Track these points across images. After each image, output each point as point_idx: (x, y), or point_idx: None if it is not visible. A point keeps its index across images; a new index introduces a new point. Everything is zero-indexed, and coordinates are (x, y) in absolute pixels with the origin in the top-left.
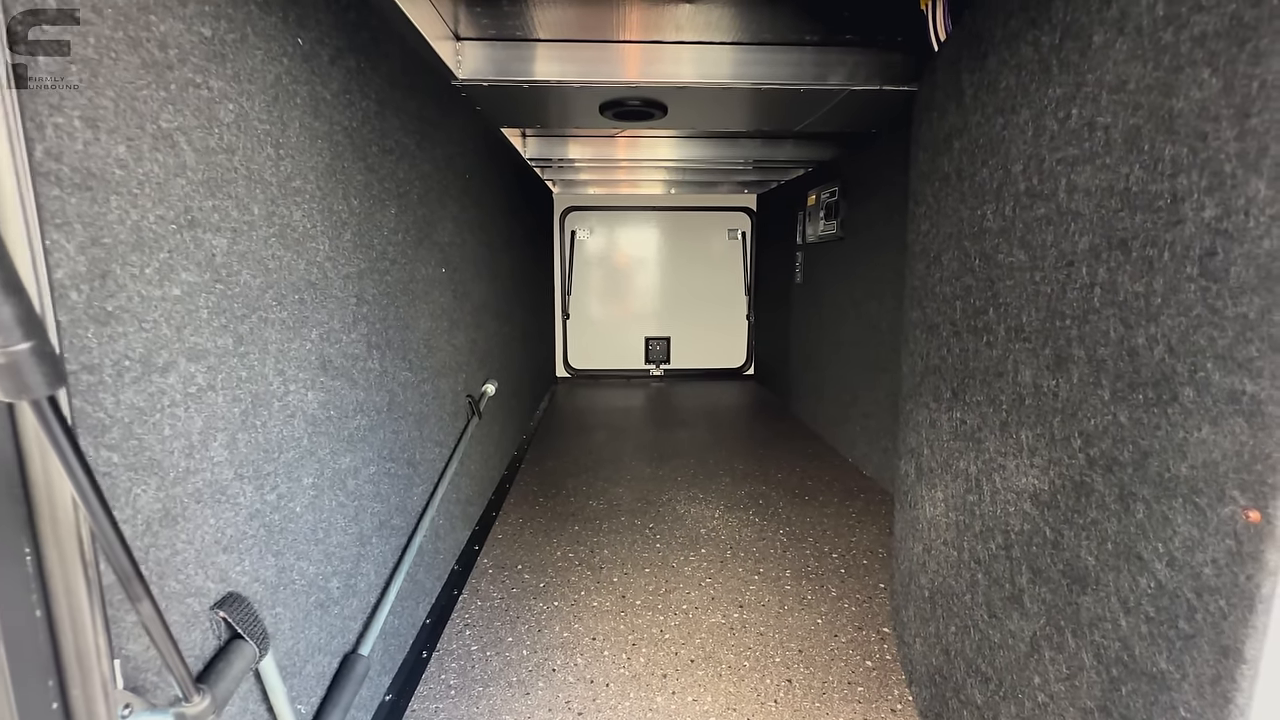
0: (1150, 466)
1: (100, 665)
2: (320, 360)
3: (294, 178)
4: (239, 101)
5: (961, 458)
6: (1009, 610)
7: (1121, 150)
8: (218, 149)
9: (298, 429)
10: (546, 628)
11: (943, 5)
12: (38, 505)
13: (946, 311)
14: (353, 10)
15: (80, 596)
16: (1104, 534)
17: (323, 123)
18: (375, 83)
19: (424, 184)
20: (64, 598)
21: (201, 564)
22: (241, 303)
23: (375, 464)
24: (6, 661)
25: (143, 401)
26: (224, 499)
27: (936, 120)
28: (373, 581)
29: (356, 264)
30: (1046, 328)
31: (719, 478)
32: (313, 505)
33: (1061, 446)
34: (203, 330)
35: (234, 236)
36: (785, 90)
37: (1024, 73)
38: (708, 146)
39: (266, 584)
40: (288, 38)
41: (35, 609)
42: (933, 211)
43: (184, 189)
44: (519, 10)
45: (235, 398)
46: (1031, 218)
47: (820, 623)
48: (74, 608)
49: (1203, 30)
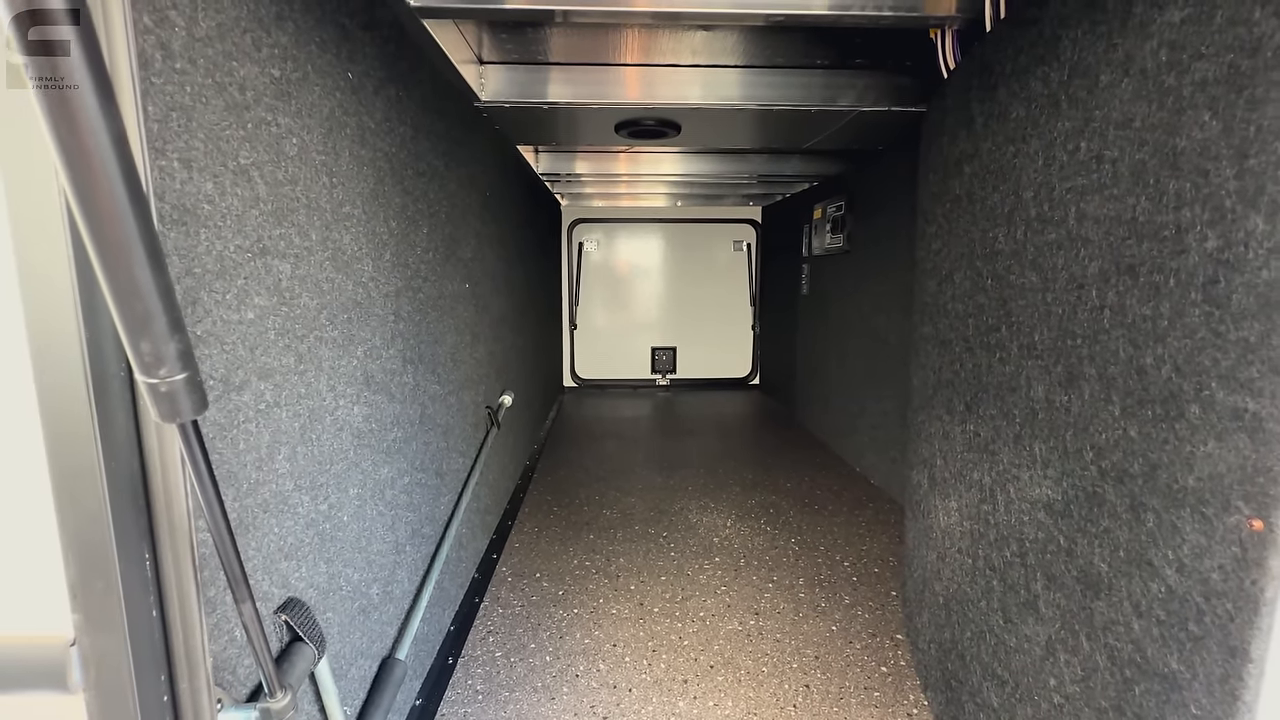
0: (1159, 478)
1: (204, 662)
2: (364, 376)
3: (344, 204)
4: (301, 135)
5: (975, 469)
6: (1024, 615)
7: (1128, 182)
8: (284, 181)
9: (345, 442)
10: (568, 634)
11: (952, 35)
12: (157, 515)
13: (959, 328)
14: (393, 43)
15: (191, 599)
16: (1116, 542)
17: (368, 150)
18: (411, 109)
19: (450, 203)
20: (176, 600)
21: (268, 570)
22: (301, 323)
23: (409, 474)
24: (131, 656)
25: (223, 418)
26: (286, 509)
27: (947, 144)
28: (406, 588)
29: (394, 283)
30: (1058, 346)
31: (729, 487)
32: (357, 514)
33: (1074, 459)
34: (271, 350)
35: (296, 262)
36: (795, 111)
37: (1034, 105)
38: (714, 162)
39: (319, 589)
40: (340, 73)
41: (153, 609)
42: (944, 231)
43: (257, 220)
44: (540, 35)
45: (295, 413)
46: (1043, 242)
47: (835, 629)
48: (185, 609)
49: (1203, 76)
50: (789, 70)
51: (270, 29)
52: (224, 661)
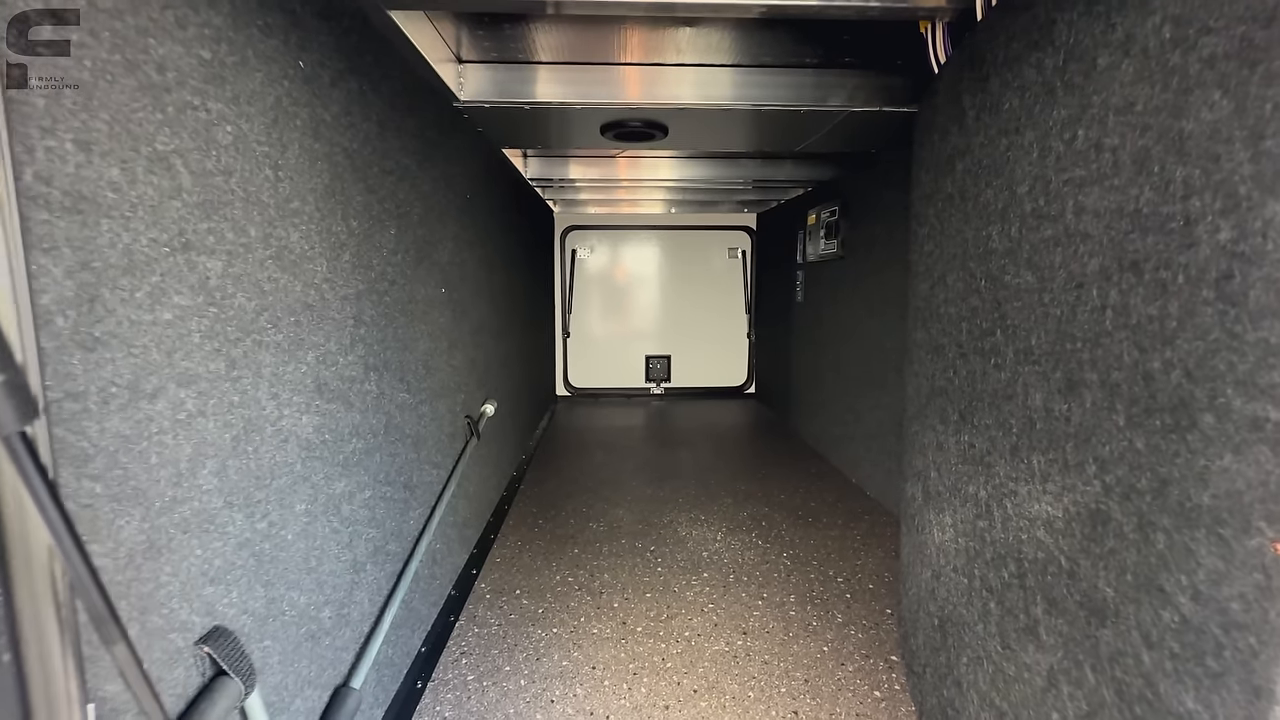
0: (1170, 495)
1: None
2: (316, 383)
3: (292, 199)
4: (237, 124)
5: (970, 482)
6: (1024, 642)
7: (1131, 172)
8: (215, 171)
9: (291, 454)
10: (545, 656)
11: (942, 28)
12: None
13: (952, 333)
14: (355, 34)
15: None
16: (1123, 564)
17: (323, 144)
18: (376, 104)
19: (424, 204)
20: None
21: (187, 597)
22: (236, 326)
23: (371, 488)
24: None
25: (129, 429)
26: (212, 528)
27: (938, 141)
28: (366, 610)
29: (355, 285)
30: (1057, 350)
31: (721, 499)
32: (305, 532)
33: (1075, 472)
34: (194, 355)
35: (229, 259)
36: (785, 111)
37: (1028, 95)
38: (708, 166)
39: (255, 616)
40: (289, 60)
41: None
42: (936, 232)
43: (179, 212)
44: (521, 33)
45: (227, 423)
46: (1039, 239)
47: (826, 650)
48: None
49: (1211, 52)
50: (777, 69)
51: (198, 7)
52: (126, 704)
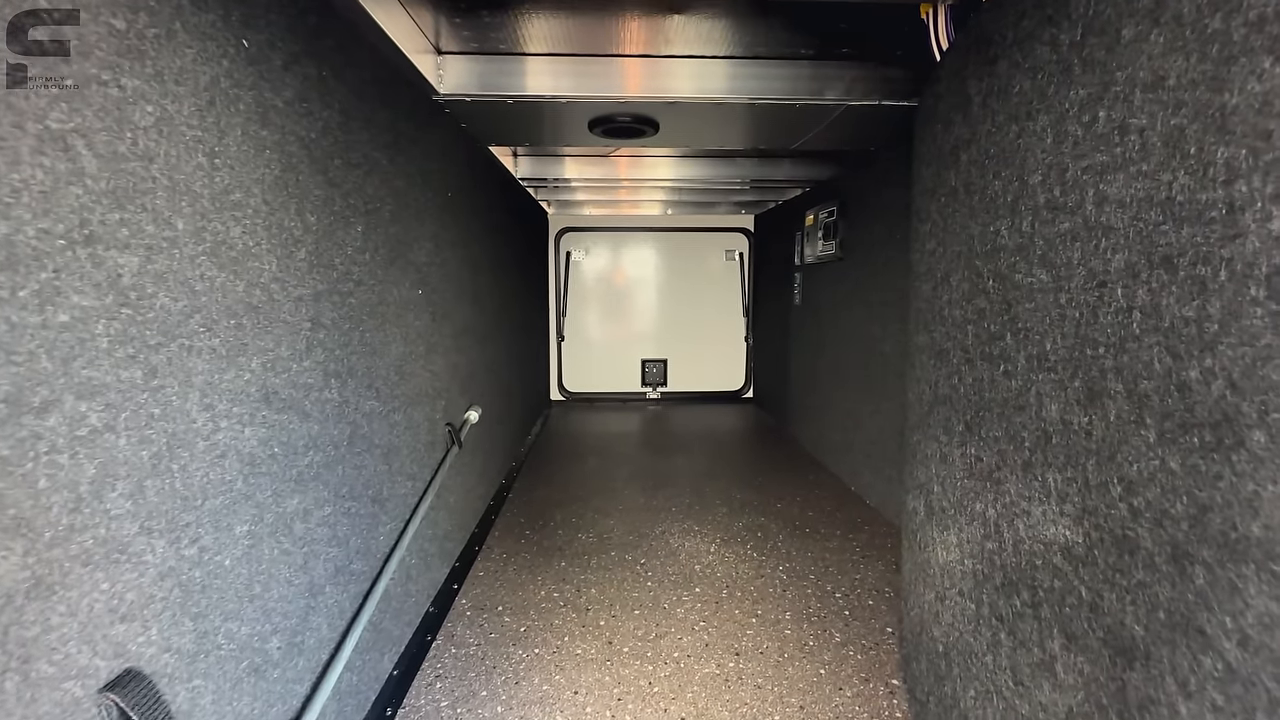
0: (1210, 523)
1: None
2: (263, 392)
3: (233, 190)
4: (160, 104)
5: (978, 499)
6: (1039, 679)
7: (1162, 155)
8: (129, 155)
9: (229, 471)
10: (525, 679)
11: (945, 12)
12: None
13: (957, 336)
14: (313, 14)
15: None
16: (1154, 600)
17: (272, 132)
18: (340, 92)
19: (397, 201)
20: None
21: (88, 639)
22: (157, 329)
23: (331, 504)
24: None
25: (7, 449)
26: (124, 559)
27: (940, 132)
28: (325, 636)
29: (312, 285)
30: (1075, 356)
31: (716, 508)
32: (247, 557)
33: (1098, 493)
34: (100, 362)
35: (148, 254)
36: (780, 106)
37: (1040, 75)
38: (704, 166)
39: (182, 654)
40: (229, 38)
41: None
42: (939, 229)
43: (79, 199)
44: (504, 23)
45: (144, 439)
46: (1054, 233)
47: (823, 673)
48: None
49: (1260, 13)
50: (772, 61)
51: None
52: None
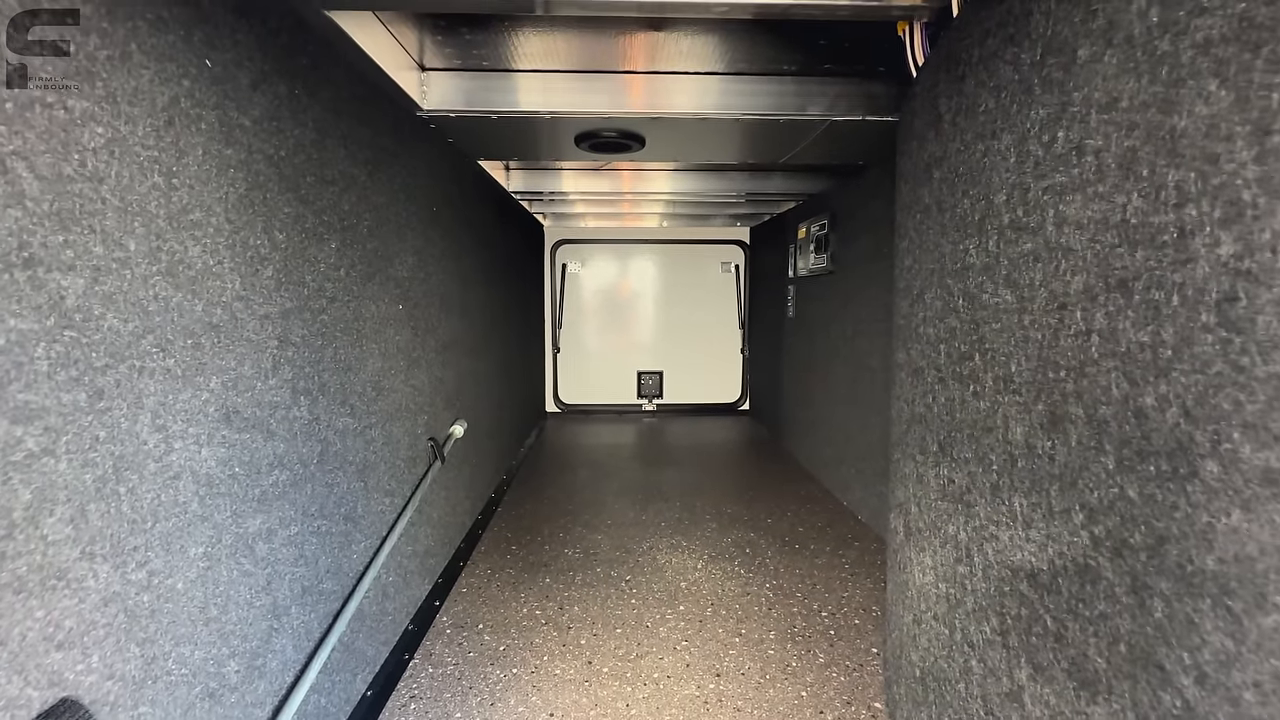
0: (1168, 555)
1: None
2: (222, 411)
3: (192, 209)
4: (112, 125)
5: (950, 521)
6: (1008, 709)
7: (1116, 177)
8: (75, 177)
9: (183, 492)
10: (501, 700)
11: (921, 30)
12: None
13: (931, 355)
14: (285, 34)
15: None
16: (1115, 632)
17: (238, 150)
18: (314, 110)
19: (376, 216)
20: None
21: (19, 668)
22: (105, 351)
23: (298, 523)
24: None
25: None
26: (61, 585)
27: (916, 149)
28: (289, 658)
29: (279, 303)
30: (1038, 379)
31: (705, 523)
32: (202, 579)
33: (1061, 520)
34: (39, 386)
35: (95, 275)
36: (765, 121)
37: (1004, 94)
38: (698, 179)
39: (128, 680)
40: (190, 59)
41: None
42: (915, 246)
43: (18, 221)
44: (487, 40)
45: (86, 462)
46: (1017, 253)
47: (805, 695)
48: None
49: (1206, 36)
50: (755, 77)
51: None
52: None
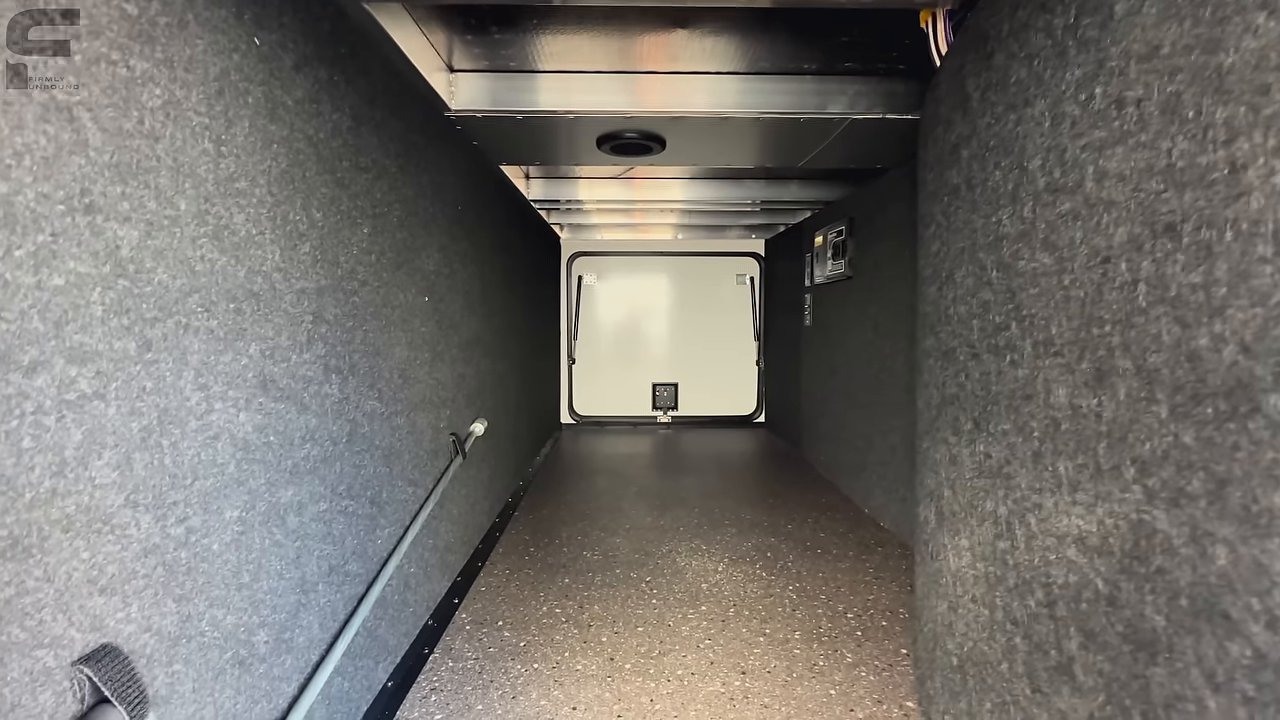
0: (1230, 498)
1: None
2: (260, 379)
3: (238, 178)
4: (168, 88)
5: (988, 497)
6: (1057, 683)
7: (1160, 123)
8: (135, 133)
9: (221, 454)
10: (522, 694)
11: (944, 18)
12: None
13: (962, 333)
14: (327, 22)
15: None
16: (1175, 587)
17: (281, 127)
18: (351, 98)
19: (405, 208)
20: None
21: (64, 607)
22: (155, 304)
23: (327, 500)
24: None
25: None
26: (107, 529)
27: (942, 134)
28: (315, 636)
29: (315, 279)
30: (1081, 337)
31: (724, 528)
32: (236, 543)
33: (1110, 478)
34: (94, 329)
35: (149, 230)
36: (785, 120)
37: (1037, 62)
38: (714, 187)
39: (164, 636)
40: (241, 34)
41: None
42: (942, 229)
43: (81, 169)
44: (514, 40)
45: (134, 410)
46: (1055, 215)
47: (834, 694)
48: None
49: None
50: (776, 76)
51: None
52: None
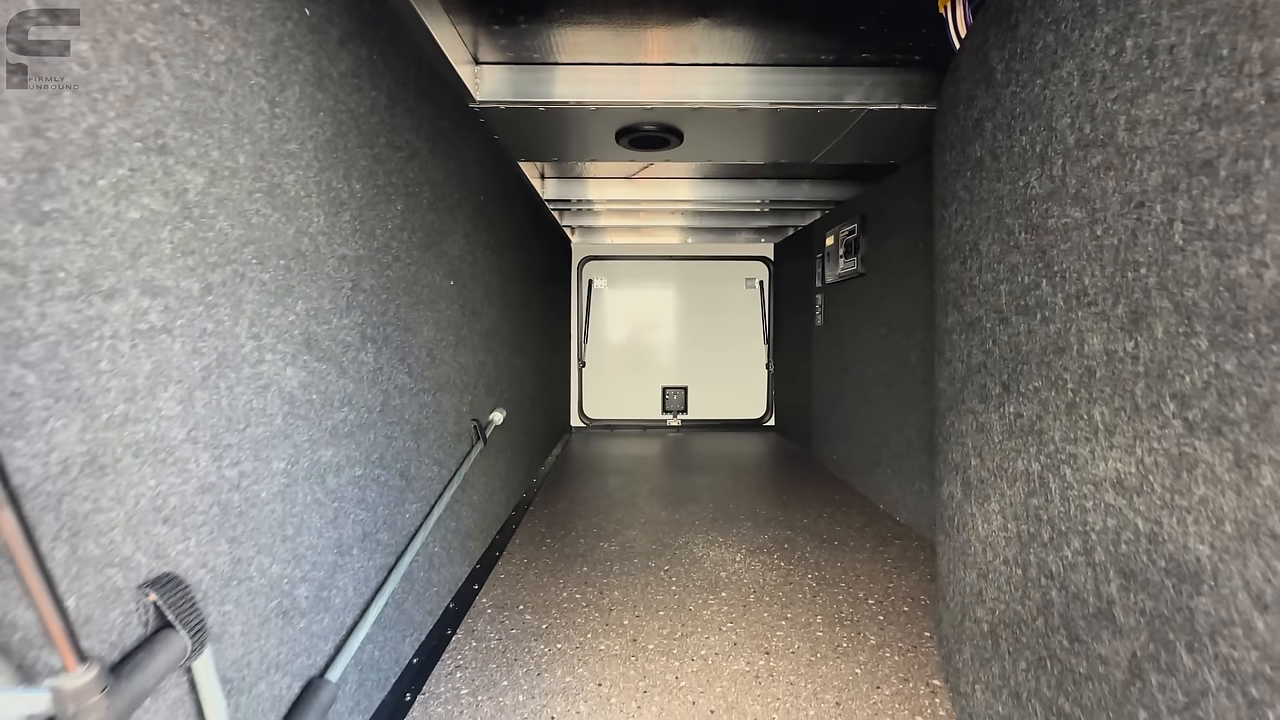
0: (1274, 419)
1: None
2: (305, 337)
3: (289, 140)
4: (231, 45)
5: (1019, 457)
6: (1096, 630)
7: (1193, 66)
8: (202, 84)
9: (271, 404)
10: (547, 671)
11: (963, 2)
12: None
13: (990, 300)
14: (366, 3)
15: None
16: (1219, 513)
17: (326, 97)
18: (387, 78)
19: (434, 191)
20: None
21: (132, 530)
22: (216, 250)
23: (362, 466)
24: None
25: (76, 323)
26: (171, 461)
27: (963, 112)
28: (350, 599)
29: (354, 248)
30: (1116, 284)
31: (740, 522)
32: (282, 495)
33: (1149, 416)
34: (164, 265)
35: (212, 177)
36: (802, 111)
37: (1064, 24)
38: (724, 187)
39: (217, 574)
40: (293, 4)
41: None
42: (965, 205)
43: (156, 111)
44: (539, 31)
45: (196, 350)
46: (1086, 169)
47: (859, 673)
48: None
49: None
50: (793, 68)
51: None
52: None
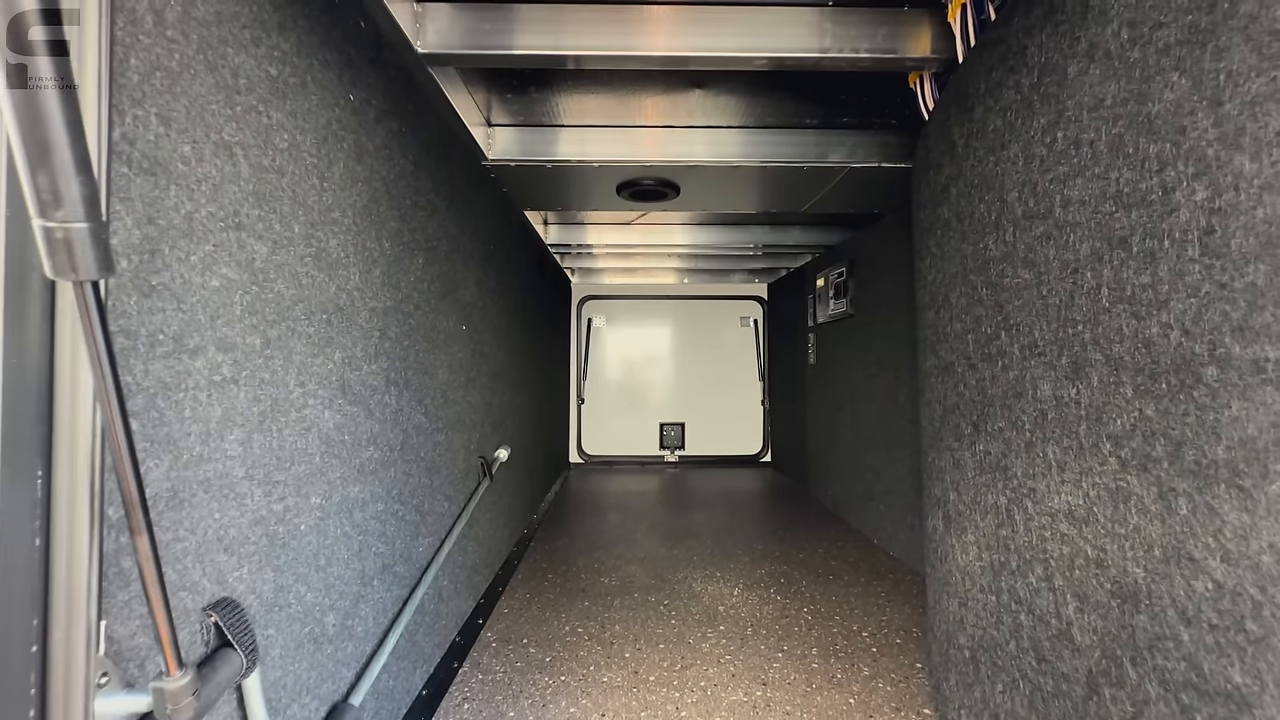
0: (1185, 456)
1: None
2: (340, 382)
3: (334, 209)
4: (292, 133)
5: (989, 491)
6: (1058, 649)
7: (1108, 158)
8: (269, 169)
9: (311, 444)
10: (552, 703)
11: (930, 79)
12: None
13: (959, 347)
14: (399, 83)
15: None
16: (1149, 540)
17: (364, 169)
18: (413, 146)
19: (450, 244)
20: (66, 531)
21: (200, 557)
22: (274, 308)
23: (383, 501)
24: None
25: (170, 377)
26: (231, 496)
27: (933, 176)
28: (370, 628)
29: (382, 300)
30: (1060, 337)
31: (737, 557)
32: (317, 528)
33: (1091, 454)
34: (235, 325)
35: (274, 247)
36: (790, 168)
37: (1009, 113)
38: (719, 232)
39: (263, 600)
40: (341, 91)
41: (35, 537)
42: (937, 259)
43: (235, 195)
44: (547, 99)
45: (256, 397)
46: (1031, 237)
47: (853, 702)
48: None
49: (1165, 41)
50: (781, 130)
51: (271, 32)
52: (132, 650)
